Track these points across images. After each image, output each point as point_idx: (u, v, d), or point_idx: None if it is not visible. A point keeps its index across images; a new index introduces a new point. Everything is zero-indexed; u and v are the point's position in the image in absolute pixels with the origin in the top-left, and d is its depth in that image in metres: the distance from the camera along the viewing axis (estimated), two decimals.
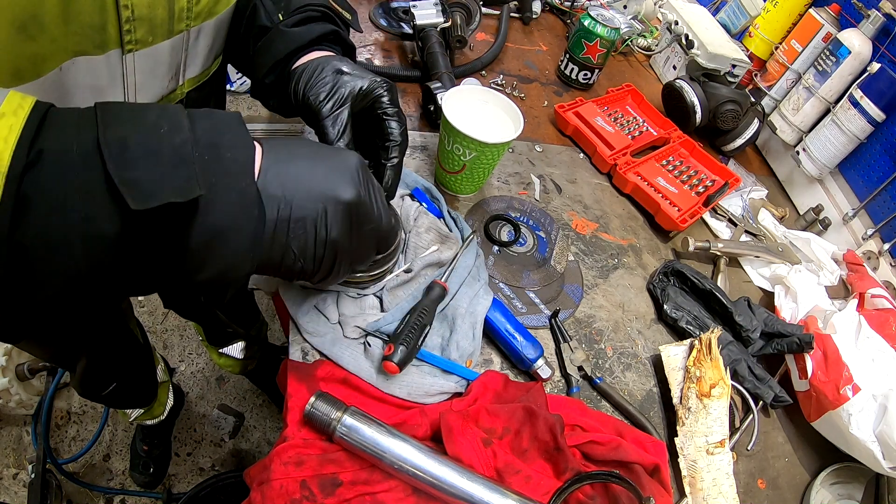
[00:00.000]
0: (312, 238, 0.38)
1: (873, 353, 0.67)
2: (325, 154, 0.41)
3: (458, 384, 0.56)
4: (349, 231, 0.40)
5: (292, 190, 0.37)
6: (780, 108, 1.03)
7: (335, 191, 0.38)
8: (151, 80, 0.48)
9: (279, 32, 0.57)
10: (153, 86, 0.49)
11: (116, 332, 0.87)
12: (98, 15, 0.40)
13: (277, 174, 0.37)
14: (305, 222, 0.38)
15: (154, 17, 0.44)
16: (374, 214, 0.43)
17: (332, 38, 0.59)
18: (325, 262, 0.40)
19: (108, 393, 0.93)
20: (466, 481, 0.47)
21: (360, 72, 0.53)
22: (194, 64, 0.54)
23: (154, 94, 0.50)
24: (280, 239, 0.37)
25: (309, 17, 0.58)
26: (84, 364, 0.87)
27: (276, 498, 0.45)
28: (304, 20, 0.57)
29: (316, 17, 0.58)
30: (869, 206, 0.92)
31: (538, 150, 0.90)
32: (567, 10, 1.24)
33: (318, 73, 0.53)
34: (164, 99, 0.52)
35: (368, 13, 1.01)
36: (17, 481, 1.31)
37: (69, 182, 0.29)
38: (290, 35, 0.56)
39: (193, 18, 0.49)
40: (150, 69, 0.47)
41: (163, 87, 0.51)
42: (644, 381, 0.67)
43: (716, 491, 0.57)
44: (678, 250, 0.84)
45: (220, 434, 1.45)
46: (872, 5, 0.89)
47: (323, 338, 0.56)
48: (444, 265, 0.63)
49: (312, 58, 0.55)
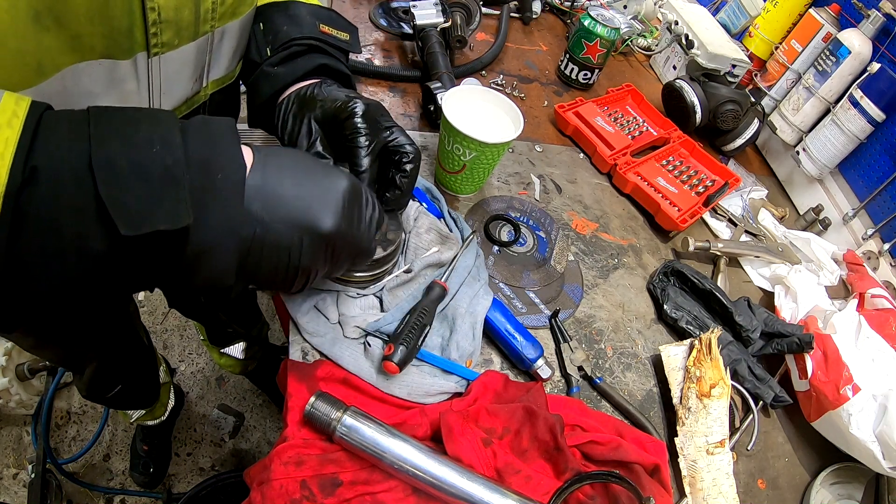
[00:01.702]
0: (284, 264, 0.39)
1: (873, 353, 0.67)
2: (314, 175, 0.40)
3: (458, 384, 0.56)
4: (323, 259, 0.41)
5: (273, 214, 0.37)
6: (780, 108, 1.03)
7: (315, 221, 0.38)
8: (177, 82, 0.48)
9: (263, 74, 0.56)
10: (178, 89, 0.49)
11: (125, 334, 0.87)
12: (126, 18, 0.39)
13: (263, 195, 0.37)
14: (279, 249, 0.38)
15: (180, 20, 0.43)
16: (354, 242, 0.43)
17: (320, 72, 0.57)
18: (297, 282, 0.41)
19: (113, 395, 0.94)
20: (466, 481, 0.47)
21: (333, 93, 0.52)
22: (218, 65, 0.54)
23: (178, 97, 0.50)
24: (254, 258, 0.38)
25: (294, 53, 0.56)
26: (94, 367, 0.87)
27: (276, 498, 0.45)
28: (289, 56, 0.56)
29: (301, 51, 0.57)
30: (869, 206, 0.92)
31: (538, 150, 0.90)
32: (567, 10, 1.24)
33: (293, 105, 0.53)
34: (188, 101, 0.52)
35: (368, 13, 1.01)
36: (17, 481, 1.31)
37: (62, 201, 0.29)
38: (273, 76, 0.56)
39: (218, 19, 0.48)
40: (175, 72, 0.47)
41: (187, 89, 0.51)
42: (644, 381, 0.67)
43: (716, 491, 0.57)
44: (678, 250, 0.84)
45: (220, 434, 1.45)
46: (872, 5, 0.89)
47: (323, 338, 0.56)
48: (445, 265, 0.63)
49: (293, 90, 0.55)
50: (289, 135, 0.53)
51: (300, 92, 0.54)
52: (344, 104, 0.50)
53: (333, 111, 0.51)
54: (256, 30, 0.58)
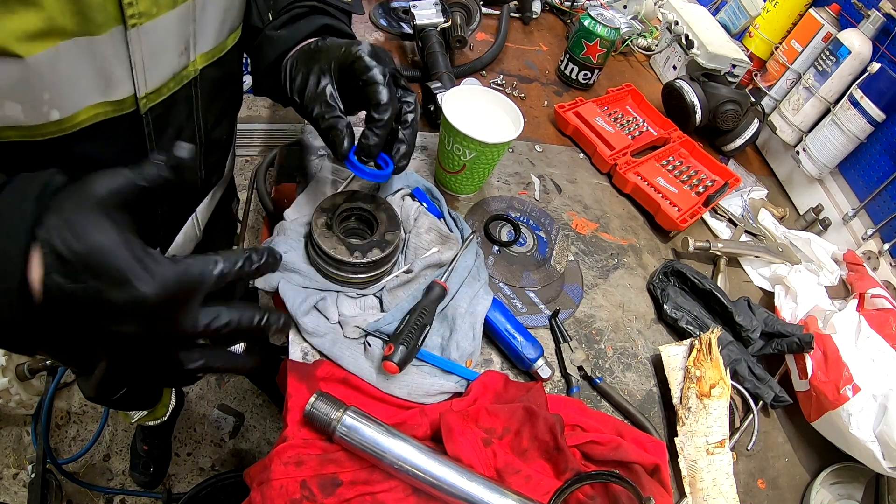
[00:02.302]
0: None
1: (873, 353, 0.67)
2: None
3: (458, 384, 0.56)
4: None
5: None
6: (780, 108, 1.03)
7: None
8: (161, 55, 0.46)
9: (266, 38, 0.57)
10: (163, 62, 0.46)
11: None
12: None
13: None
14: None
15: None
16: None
17: (323, 32, 0.57)
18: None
19: (118, 397, 0.93)
20: (466, 481, 0.47)
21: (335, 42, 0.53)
22: (205, 36, 0.50)
23: (165, 71, 0.47)
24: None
25: (296, 16, 0.57)
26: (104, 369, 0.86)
27: (276, 498, 0.45)
28: (291, 19, 0.57)
29: (303, 13, 0.57)
30: (869, 206, 0.92)
31: (538, 150, 0.90)
32: (567, 10, 1.24)
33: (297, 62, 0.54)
34: (177, 77, 0.49)
35: (368, 13, 1.01)
36: (17, 481, 1.31)
37: None
38: (276, 39, 0.56)
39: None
40: (158, 44, 0.44)
41: (174, 63, 0.48)
42: (644, 381, 0.67)
43: (716, 491, 0.57)
44: (678, 250, 0.84)
45: (220, 434, 1.45)
46: (872, 5, 0.89)
47: (323, 338, 0.56)
48: (445, 265, 0.63)
49: (296, 50, 0.55)
50: (298, 90, 0.54)
51: (303, 48, 0.55)
52: (348, 47, 0.51)
53: (340, 57, 0.51)
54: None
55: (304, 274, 0.58)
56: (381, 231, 0.59)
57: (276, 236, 0.61)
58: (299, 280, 0.58)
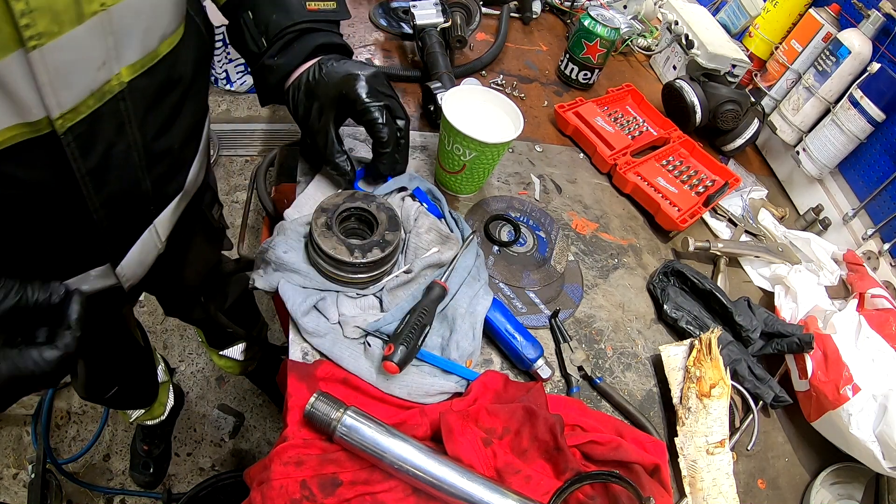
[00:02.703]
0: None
1: (873, 353, 0.67)
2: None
3: (458, 384, 0.56)
4: None
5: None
6: (780, 108, 1.03)
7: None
8: (73, 73, 0.42)
9: (266, 67, 0.62)
10: (77, 80, 0.43)
11: (116, 337, 0.87)
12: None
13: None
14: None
15: (55, 4, 0.38)
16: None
17: (318, 51, 0.62)
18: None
19: (111, 396, 0.93)
20: (466, 481, 0.47)
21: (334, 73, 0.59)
22: (129, 47, 0.46)
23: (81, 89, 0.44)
24: None
25: (289, 41, 0.61)
26: (84, 368, 0.86)
27: (276, 498, 0.45)
28: (285, 45, 0.61)
29: (295, 37, 0.61)
30: (869, 206, 0.92)
31: (538, 150, 0.90)
32: (567, 10, 1.24)
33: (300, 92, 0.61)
34: (98, 92, 0.45)
35: (368, 13, 1.01)
36: (17, 481, 1.31)
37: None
38: (275, 68, 0.62)
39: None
40: (67, 63, 0.41)
41: (91, 79, 0.44)
42: (644, 381, 0.67)
43: (716, 491, 0.57)
44: (678, 250, 0.84)
45: (220, 434, 1.45)
46: (872, 5, 0.89)
47: (323, 338, 0.56)
48: (445, 265, 0.63)
49: (297, 74, 0.61)
50: (302, 120, 0.63)
51: (302, 79, 0.61)
52: (347, 82, 0.58)
53: (340, 96, 0.60)
54: (246, 19, 0.61)
55: (304, 274, 0.58)
56: (381, 231, 0.59)
57: (276, 236, 0.61)
58: (299, 280, 0.58)
